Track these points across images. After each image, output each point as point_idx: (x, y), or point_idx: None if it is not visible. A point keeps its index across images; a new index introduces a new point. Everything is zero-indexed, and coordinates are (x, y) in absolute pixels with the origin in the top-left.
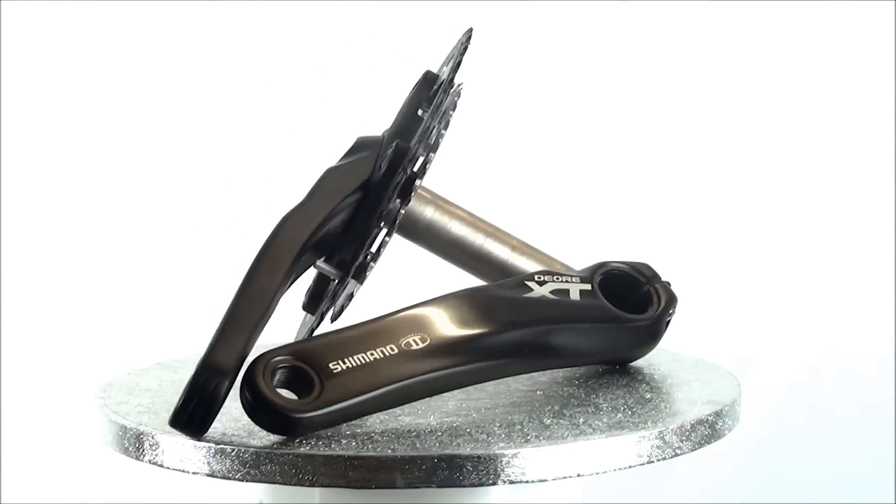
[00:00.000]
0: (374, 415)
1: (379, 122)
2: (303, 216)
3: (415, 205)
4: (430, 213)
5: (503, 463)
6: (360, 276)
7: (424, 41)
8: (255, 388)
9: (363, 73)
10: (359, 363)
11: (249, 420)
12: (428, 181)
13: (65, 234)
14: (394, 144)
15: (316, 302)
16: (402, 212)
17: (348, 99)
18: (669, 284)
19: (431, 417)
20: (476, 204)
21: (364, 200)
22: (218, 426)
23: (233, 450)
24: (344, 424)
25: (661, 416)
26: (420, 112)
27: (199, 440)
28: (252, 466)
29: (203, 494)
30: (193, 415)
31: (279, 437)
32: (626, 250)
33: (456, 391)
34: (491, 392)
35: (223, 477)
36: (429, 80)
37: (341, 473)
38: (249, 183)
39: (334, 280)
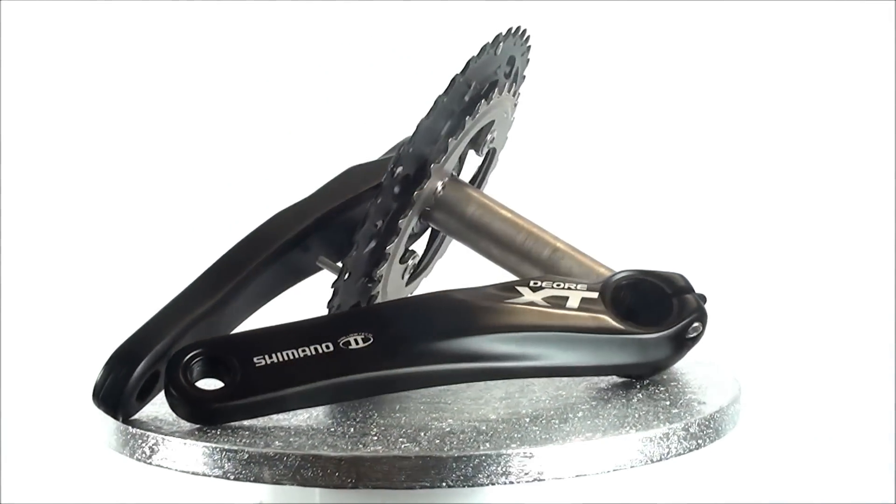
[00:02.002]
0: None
1: (379, 122)
2: (293, 212)
3: (456, 202)
4: (471, 210)
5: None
6: (357, 274)
7: (424, 41)
8: (169, 376)
9: (363, 73)
10: (286, 358)
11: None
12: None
13: (65, 234)
14: (399, 147)
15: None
16: (407, 213)
17: (348, 99)
18: (703, 299)
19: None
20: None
21: (374, 199)
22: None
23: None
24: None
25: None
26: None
27: (123, 422)
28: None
29: (203, 494)
30: (107, 395)
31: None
32: (641, 254)
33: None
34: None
35: (235, 479)
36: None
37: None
38: (249, 183)
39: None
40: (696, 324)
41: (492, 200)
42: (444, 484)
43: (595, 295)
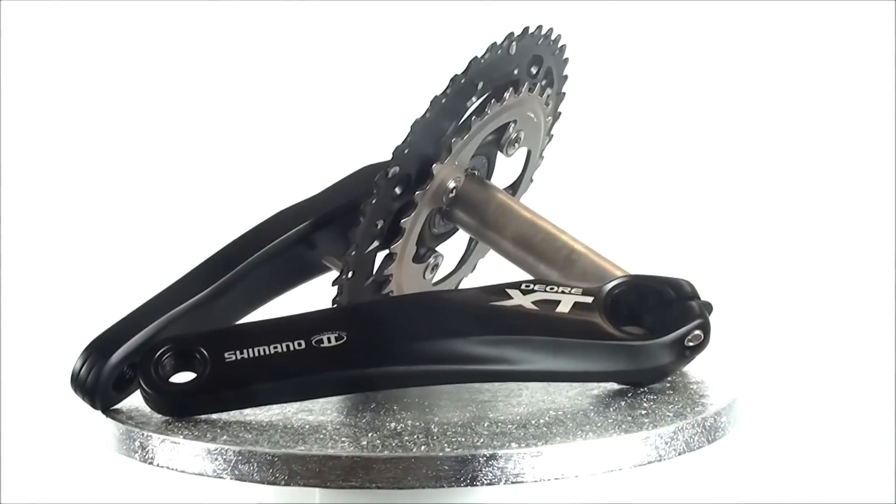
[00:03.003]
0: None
1: (378, 122)
2: (297, 209)
3: (475, 201)
4: (489, 209)
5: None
6: (362, 273)
7: (424, 41)
8: (141, 368)
9: (363, 73)
10: (256, 354)
11: None
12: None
13: (66, 234)
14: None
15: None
16: (410, 214)
17: (348, 99)
18: (708, 307)
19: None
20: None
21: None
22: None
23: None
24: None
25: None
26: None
27: (102, 412)
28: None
29: (203, 494)
30: (82, 383)
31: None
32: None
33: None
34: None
35: (181, 471)
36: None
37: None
38: (249, 183)
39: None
40: (696, 332)
41: (512, 201)
42: (373, 486)
43: (590, 300)
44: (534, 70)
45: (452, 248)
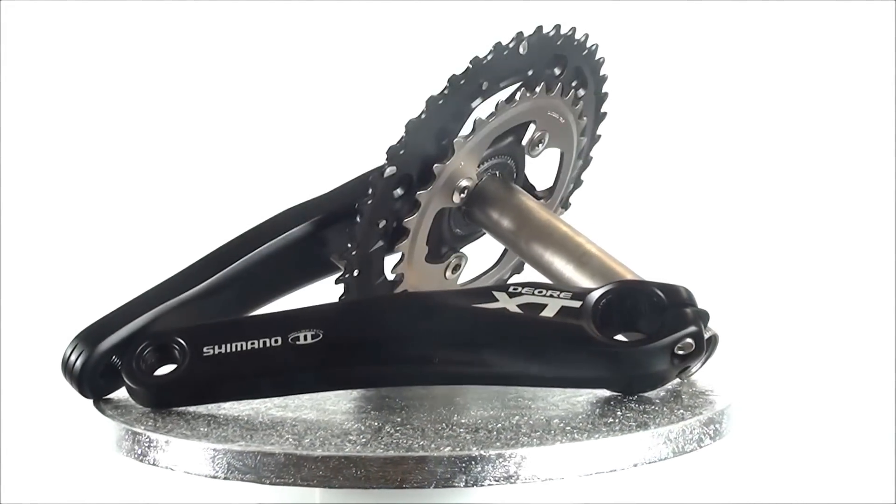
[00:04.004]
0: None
1: (378, 122)
2: (305, 206)
3: (493, 201)
4: (507, 209)
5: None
6: (369, 272)
7: (424, 41)
8: (124, 360)
9: (363, 72)
10: (233, 349)
11: None
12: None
13: (66, 234)
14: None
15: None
16: (414, 214)
17: (348, 99)
18: (704, 316)
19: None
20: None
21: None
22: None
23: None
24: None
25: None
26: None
27: (94, 401)
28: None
29: (203, 494)
30: (71, 370)
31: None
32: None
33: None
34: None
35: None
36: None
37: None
38: (249, 184)
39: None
40: (687, 340)
41: (531, 201)
42: (307, 483)
43: (578, 304)
44: (556, 71)
45: (487, 249)
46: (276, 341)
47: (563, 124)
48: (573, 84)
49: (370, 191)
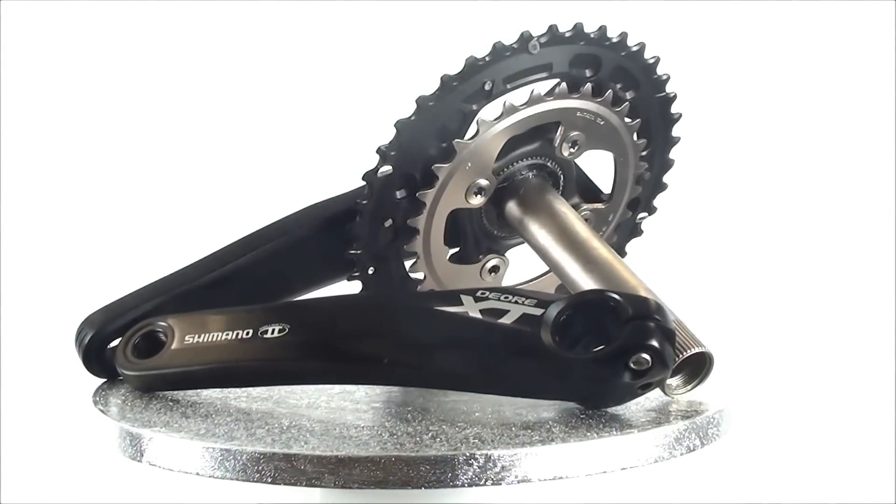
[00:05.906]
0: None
1: (378, 122)
2: (328, 201)
3: (529, 204)
4: (533, 209)
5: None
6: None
7: (425, 41)
8: (118, 345)
9: (363, 72)
10: (210, 340)
11: None
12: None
13: (66, 234)
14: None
15: None
16: (422, 212)
17: (348, 99)
18: (668, 333)
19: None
20: None
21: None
22: None
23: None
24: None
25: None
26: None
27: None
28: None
29: (203, 494)
30: (79, 351)
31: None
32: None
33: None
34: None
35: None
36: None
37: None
38: (249, 183)
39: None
40: (643, 355)
41: (563, 205)
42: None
43: (539, 312)
44: (586, 72)
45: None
46: (247, 333)
47: (602, 126)
48: (618, 85)
49: (367, 191)
